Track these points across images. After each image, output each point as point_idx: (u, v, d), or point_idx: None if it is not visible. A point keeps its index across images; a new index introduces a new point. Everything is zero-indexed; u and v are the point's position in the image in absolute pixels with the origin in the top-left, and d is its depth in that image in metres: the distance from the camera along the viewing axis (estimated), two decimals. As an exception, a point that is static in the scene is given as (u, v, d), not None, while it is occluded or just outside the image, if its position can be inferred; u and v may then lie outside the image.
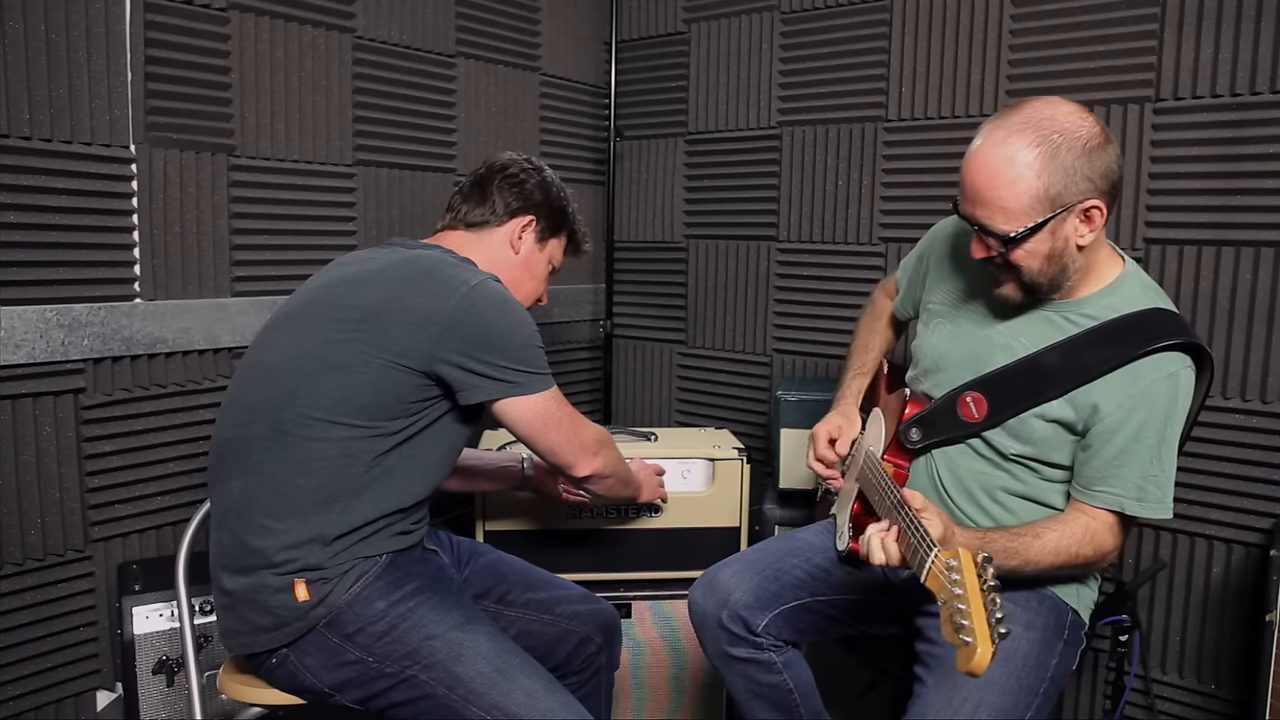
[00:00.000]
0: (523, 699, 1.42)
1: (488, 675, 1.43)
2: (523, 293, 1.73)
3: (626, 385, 3.08)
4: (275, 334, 1.56)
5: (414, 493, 1.53)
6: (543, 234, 1.74)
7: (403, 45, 2.39)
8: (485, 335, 1.47)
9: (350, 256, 1.66)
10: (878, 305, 1.89)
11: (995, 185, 1.35)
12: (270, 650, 1.46)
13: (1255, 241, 1.94)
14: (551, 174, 1.78)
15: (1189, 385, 1.41)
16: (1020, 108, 1.37)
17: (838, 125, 2.53)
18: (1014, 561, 1.38)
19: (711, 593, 1.63)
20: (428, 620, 1.46)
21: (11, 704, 1.80)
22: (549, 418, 1.56)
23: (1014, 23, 2.22)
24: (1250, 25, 1.91)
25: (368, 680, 1.45)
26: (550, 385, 1.55)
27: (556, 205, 1.75)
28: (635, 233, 3.00)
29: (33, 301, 1.76)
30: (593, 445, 1.63)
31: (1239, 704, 2.00)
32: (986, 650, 1.00)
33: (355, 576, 1.45)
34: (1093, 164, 1.33)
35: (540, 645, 1.68)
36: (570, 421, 1.60)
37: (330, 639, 1.44)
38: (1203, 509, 2.01)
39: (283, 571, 1.43)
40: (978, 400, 1.50)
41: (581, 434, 1.62)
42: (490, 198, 1.70)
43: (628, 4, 2.93)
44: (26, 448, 1.79)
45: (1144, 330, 1.40)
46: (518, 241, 1.71)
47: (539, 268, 1.76)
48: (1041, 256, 1.38)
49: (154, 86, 1.91)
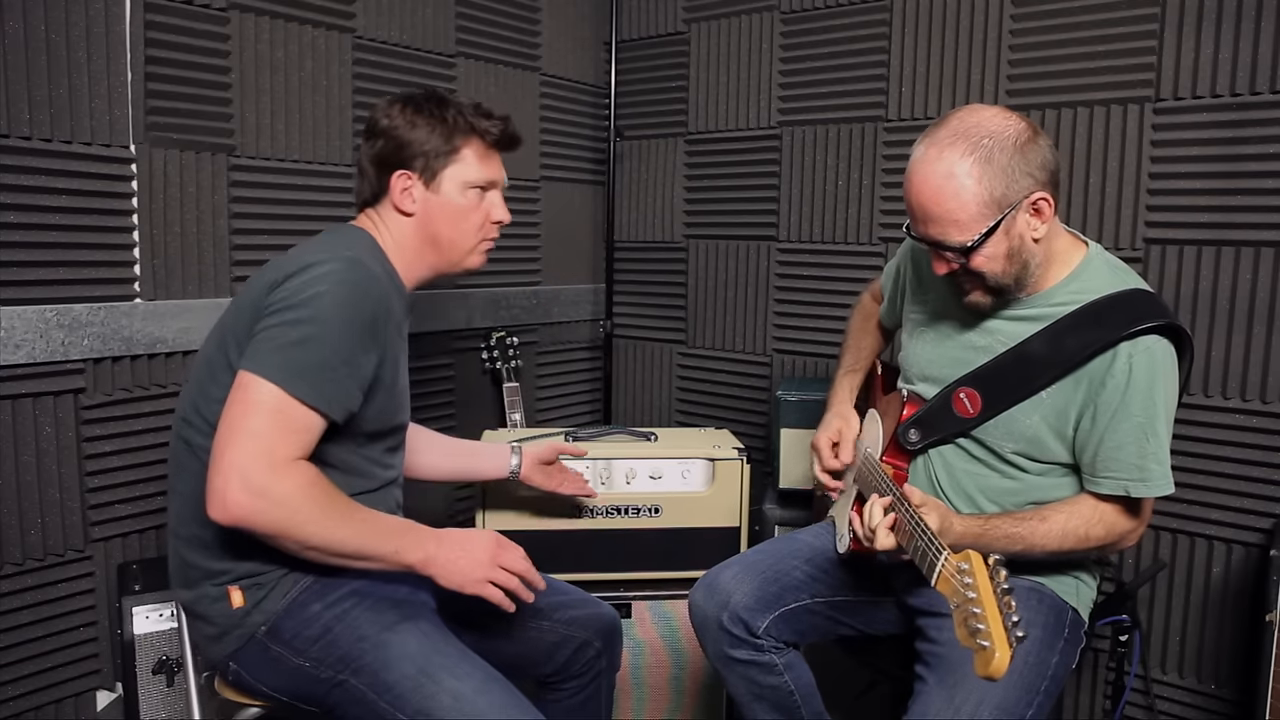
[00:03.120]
0: (449, 702, 1.31)
1: (413, 678, 1.33)
2: (456, 247, 1.51)
3: (626, 385, 3.08)
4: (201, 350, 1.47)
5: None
6: (429, 176, 1.47)
7: (403, 45, 2.39)
8: (279, 299, 1.27)
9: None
10: (866, 307, 1.90)
11: (940, 200, 1.36)
12: (224, 662, 1.42)
13: (1255, 241, 1.94)
14: (390, 104, 1.50)
15: (1165, 356, 1.40)
16: (946, 121, 1.40)
17: (838, 125, 2.53)
18: (1018, 546, 1.39)
19: (712, 595, 1.63)
20: (360, 621, 1.37)
21: (11, 704, 1.80)
22: (244, 410, 1.23)
23: (1014, 23, 2.22)
24: (1250, 25, 1.91)
25: (311, 687, 1.38)
26: (292, 386, 1.24)
27: (419, 136, 1.46)
28: (635, 233, 3.00)
29: (33, 301, 1.76)
30: (257, 483, 1.21)
31: (1239, 704, 2.00)
32: (1005, 654, 1.00)
33: (292, 582, 1.38)
34: (1028, 159, 1.36)
35: (538, 650, 1.65)
36: (267, 436, 1.23)
37: (270, 648, 1.38)
38: (1203, 509, 2.01)
39: (219, 582, 1.38)
40: (971, 395, 1.50)
41: (259, 459, 1.21)
42: (364, 171, 1.50)
43: (628, 4, 2.93)
44: (26, 448, 1.79)
45: (1124, 311, 1.41)
46: (405, 203, 1.47)
47: (449, 208, 1.49)
48: (1001, 258, 1.40)
49: (154, 86, 1.91)
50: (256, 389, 1.24)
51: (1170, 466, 1.42)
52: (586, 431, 2.22)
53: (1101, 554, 1.54)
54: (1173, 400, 1.42)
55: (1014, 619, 1.02)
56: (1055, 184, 1.40)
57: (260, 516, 1.22)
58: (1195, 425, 1.99)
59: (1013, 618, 1.02)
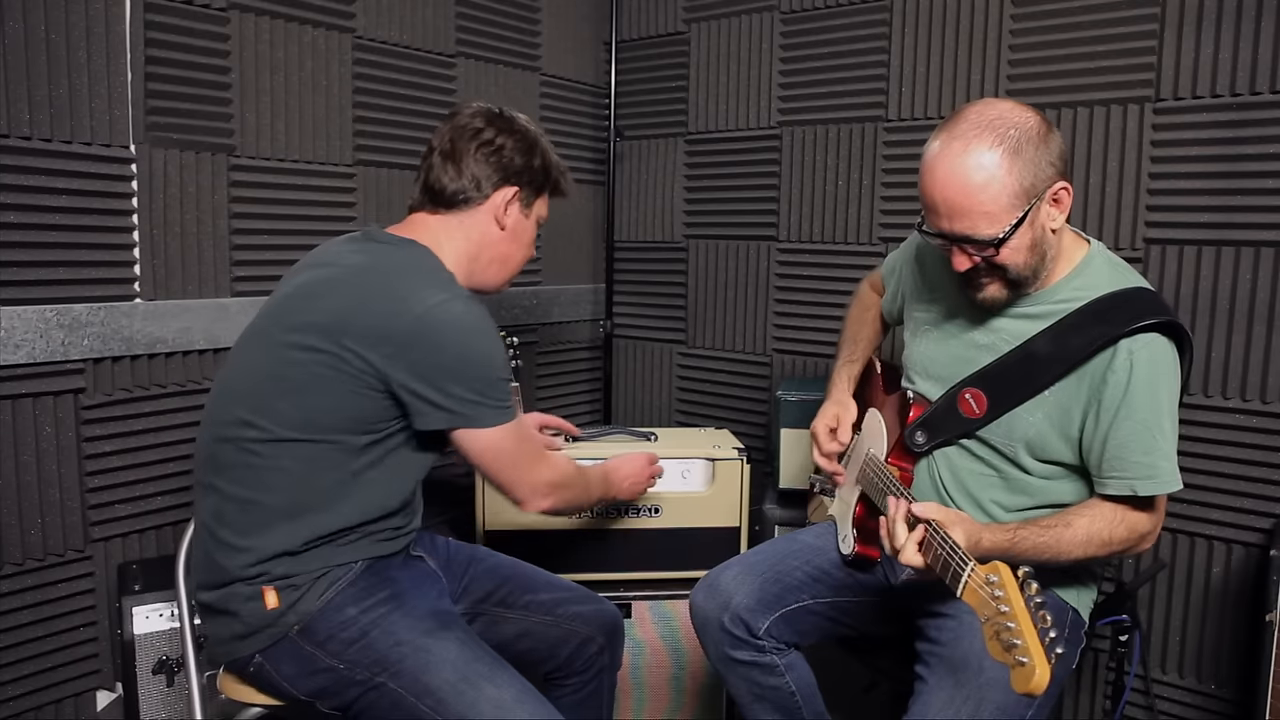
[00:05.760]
0: (489, 710, 1.36)
1: (454, 684, 1.37)
2: (513, 263, 1.63)
3: (626, 385, 3.07)
4: (241, 351, 1.51)
5: (387, 503, 1.48)
6: (528, 200, 1.59)
7: (403, 45, 2.39)
8: (437, 362, 1.38)
9: (315, 256, 1.56)
10: (865, 298, 1.90)
11: (969, 193, 1.35)
12: (246, 656, 1.44)
13: (1255, 241, 1.94)
14: (523, 122, 1.60)
15: (1166, 353, 1.40)
16: (964, 115, 1.38)
17: (838, 125, 2.53)
18: (1046, 555, 1.38)
19: (713, 595, 1.63)
20: (398, 626, 1.42)
21: (11, 704, 1.80)
22: (503, 455, 1.48)
23: (1014, 23, 2.22)
24: (1250, 25, 1.91)
25: (341, 688, 1.41)
26: (508, 419, 1.45)
27: (538, 164, 1.58)
28: (635, 233, 3.00)
29: (33, 301, 1.76)
30: (544, 487, 1.54)
31: (1239, 704, 2.00)
32: (1045, 670, 0.99)
33: (328, 584, 1.42)
34: (1050, 149, 1.37)
35: (542, 646, 1.67)
36: (526, 460, 1.52)
37: (303, 647, 1.41)
38: (1203, 509, 2.01)
39: (253, 582, 1.40)
40: (976, 396, 1.50)
41: (534, 474, 1.53)
42: (466, 171, 1.52)
43: (628, 4, 2.93)
44: (26, 448, 1.79)
45: (1126, 309, 1.40)
46: (504, 216, 1.56)
47: (527, 234, 1.62)
48: (1025, 249, 1.39)
49: (154, 86, 1.91)
50: (494, 439, 1.45)
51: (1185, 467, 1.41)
52: (586, 431, 2.22)
53: (1121, 557, 1.51)
54: (1176, 397, 1.42)
55: (1051, 634, 1.01)
56: (1070, 174, 1.41)
57: (561, 504, 1.59)
58: (1195, 425, 1.99)
59: (1050, 633, 1.01)
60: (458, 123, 1.55)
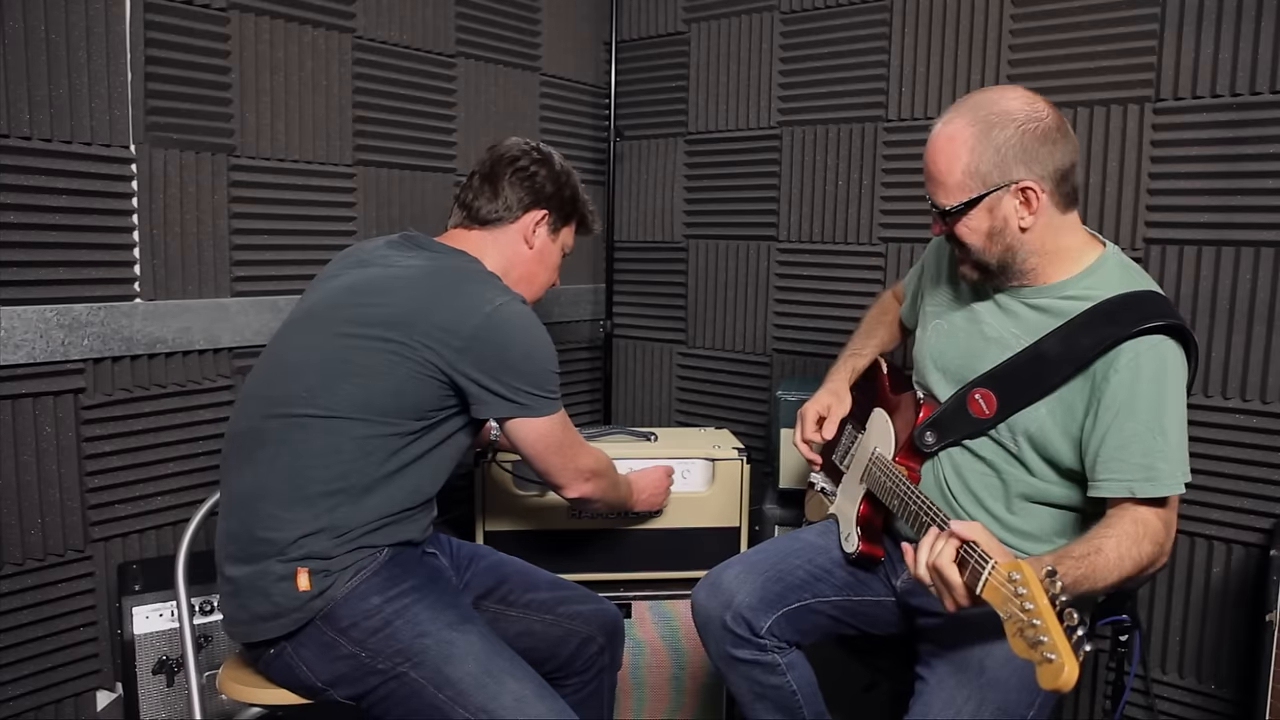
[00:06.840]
0: (511, 703, 1.41)
1: (477, 677, 1.42)
2: (538, 284, 1.76)
3: (626, 385, 3.08)
4: (296, 332, 1.58)
5: (423, 490, 1.56)
6: (555, 225, 1.75)
7: (403, 45, 2.39)
8: (503, 357, 1.51)
9: (368, 252, 1.66)
10: (885, 302, 1.92)
11: (937, 161, 1.43)
12: (268, 641, 1.47)
13: (1255, 241, 1.94)
14: (559, 159, 1.77)
15: (1171, 355, 1.38)
16: (974, 94, 1.45)
17: (838, 125, 2.53)
18: (1085, 587, 1.28)
19: (715, 594, 1.63)
20: (422, 618, 1.46)
21: (11, 704, 1.80)
22: (552, 441, 1.61)
23: (1014, 23, 2.22)
24: (1250, 25, 1.91)
25: (360, 676, 1.45)
26: (558, 409, 1.60)
27: (567, 195, 1.75)
28: (635, 233, 3.00)
29: (33, 301, 1.76)
30: (586, 472, 1.68)
31: (1239, 704, 2.00)
32: (1074, 667, 0.99)
33: (354, 571, 1.46)
34: (1028, 147, 1.37)
35: (543, 645, 1.68)
36: (571, 446, 1.65)
37: (325, 632, 1.45)
38: (1203, 509, 2.01)
39: (289, 559, 1.44)
40: (986, 396, 1.49)
41: (579, 460, 1.67)
42: (502, 193, 1.69)
43: (628, 4, 2.93)
44: (26, 448, 1.79)
45: (1134, 311, 1.40)
46: (532, 236, 1.71)
47: (552, 258, 1.77)
48: (982, 234, 1.43)
49: (154, 86, 1.91)
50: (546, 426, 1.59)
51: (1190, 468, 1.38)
52: (586, 432, 2.22)
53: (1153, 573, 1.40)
54: (1182, 399, 1.41)
55: (1079, 633, 1.00)
56: (1060, 182, 1.40)
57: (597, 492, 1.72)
58: (1195, 425, 1.97)
59: (1079, 631, 1.01)
60: (499, 152, 1.73)
